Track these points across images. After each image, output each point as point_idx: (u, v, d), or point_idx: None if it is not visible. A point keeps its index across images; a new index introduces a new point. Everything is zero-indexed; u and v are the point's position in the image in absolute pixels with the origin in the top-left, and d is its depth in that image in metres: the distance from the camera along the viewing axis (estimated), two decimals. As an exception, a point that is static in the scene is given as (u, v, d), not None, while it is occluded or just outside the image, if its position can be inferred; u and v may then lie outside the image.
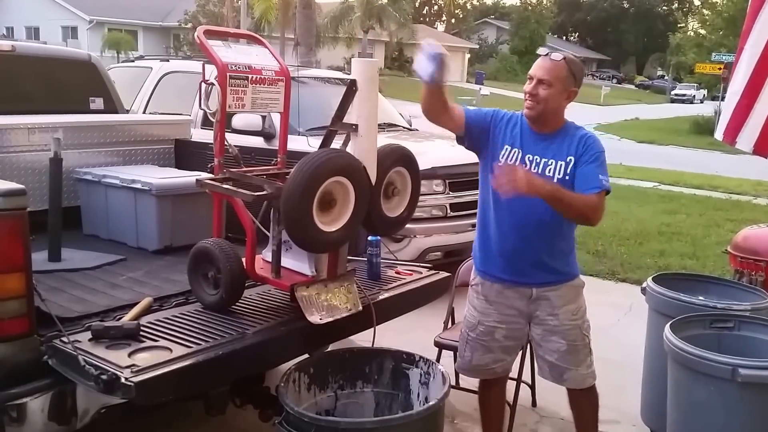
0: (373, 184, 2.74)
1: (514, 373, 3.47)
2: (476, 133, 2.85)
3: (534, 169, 2.75)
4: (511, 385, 3.48)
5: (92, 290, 2.90)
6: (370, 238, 3.29)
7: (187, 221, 3.54)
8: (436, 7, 66.81)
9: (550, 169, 2.74)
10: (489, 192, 2.84)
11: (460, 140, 2.90)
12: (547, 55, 2.77)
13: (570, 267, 2.94)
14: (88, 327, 2.39)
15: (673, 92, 51.67)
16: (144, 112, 6.31)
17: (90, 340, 2.33)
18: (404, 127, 6.92)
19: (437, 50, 2.55)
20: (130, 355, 2.25)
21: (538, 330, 2.93)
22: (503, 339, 2.96)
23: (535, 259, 2.83)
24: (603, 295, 5.96)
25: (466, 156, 3.05)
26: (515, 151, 2.79)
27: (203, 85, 2.83)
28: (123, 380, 2.07)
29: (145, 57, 8.23)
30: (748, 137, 4.24)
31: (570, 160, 2.74)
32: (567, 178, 2.73)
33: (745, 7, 4.43)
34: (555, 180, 2.72)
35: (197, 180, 2.94)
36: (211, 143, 2.95)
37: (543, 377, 3.08)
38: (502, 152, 2.80)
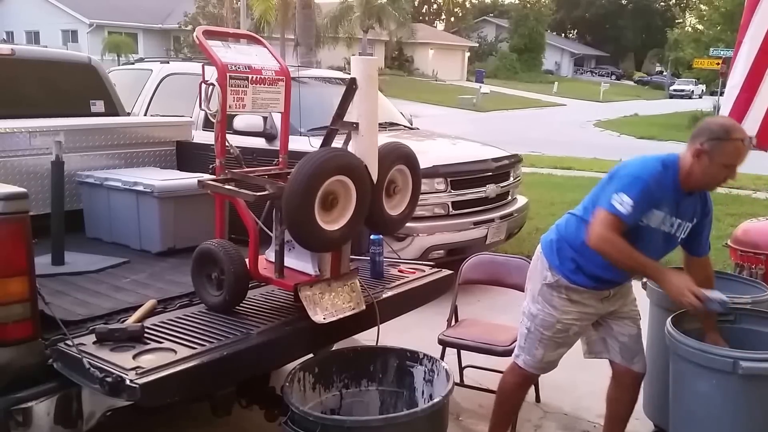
0: (375, 182, 2.73)
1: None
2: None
3: (669, 229, 2.78)
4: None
5: (96, 293, 2.90)
6: (372, 236, 3.28)
7: (190, 223, 3.54)
8: (435, 6, 66.79)
9: (681, 229, 2.81)
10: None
11: None
12: (746, 145, 2.69)
13: None
14: (92, 330, 2.39)
15: (671, 88, 51.58)
16: (145, 115, 6.31)
17: (94, 342, 2.32)
18: (405, 126, 6.92)
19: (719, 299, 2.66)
20: (134, 357, 2.24)
21: (611, 317, 3.01)
22: (574, 335, 3.00)
23: (623, 281, 2.96)
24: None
25: (467, 154, 3.07)
26: (661, 215, 2.72)
27: (203, 86, 2.82)
28: (128, 382, 2.07)
29: (146, 59, 8.22)
30: (748, 130, 4.23)
31: (695, 220, 2.83)
32: (685, 235, 2.84)
33: (743, 2, 4.43)
34: (679, 238, 2.83)
35: (199, 181, 2.93)
36: (213, 144, 2.94)
37: (607, 357, 3.07)
38: (648, 215, 2.69)
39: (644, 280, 3.61)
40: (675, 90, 50.33)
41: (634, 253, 2.64)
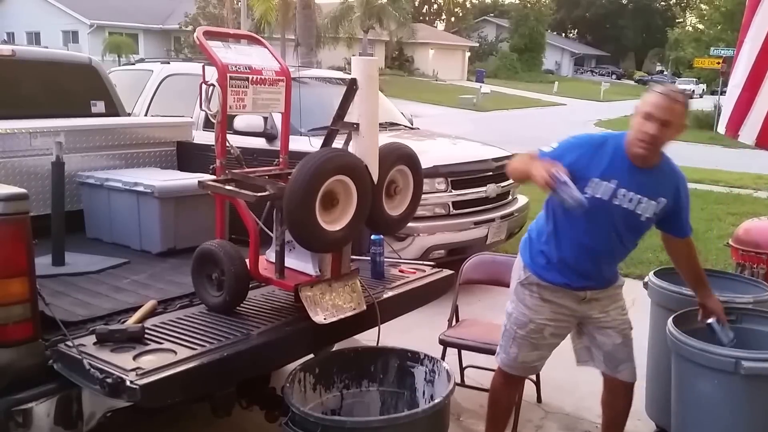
0: (375, 182, 2.73)
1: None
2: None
3: (626, 204, 2.71)
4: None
5: (96, 294, 2.89)
6: (373, 236, 3.28)
7: (190, 223, 3.53)
8: (435, 6, 66.78)
9: (642, 207, 2.73)
10: (563, 214, 2.76)
11: None
12: (668, 94, 2.60)
13: (617, 271, 3.04)
14: (92, 331, 2.38)
15: (672, 87, 51.58)
16: (146, 115, 6.30)
17: (95, 343, 2.32)
18: (406, 126, 6.92)
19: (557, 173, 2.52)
20: (135, 358, 2.24)
21: (592, 326, 2.98)
22: (550, 337, 2.96)
23: (594, 274, 2.89)
24: (606, 291, 5.95)
25: (468, 154, 3.07)
26: (606, 185, 2.69)
27: (204, 87, 2.82)
28: (128, 383, 2.07)
29: (146, 60, 8.22)
30: (750, 130, 4.24)
31: (661, 201, 2.75)
32: (654, 217, 2.77)
33: (743, 2, 4.43)
34: (643, 218, 2.74)
35: (199, 182, 2.92)
36: (213, 145, 2.94)
37: (592, 366, 3.05)
38: (590, 184, 2.68)
39: (645, 279, 3.61)
40: (676, 90, 50.28)
41: (524, 157, 2.80)
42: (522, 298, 2.96)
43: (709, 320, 2.94)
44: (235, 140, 3.13)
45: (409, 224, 3.19)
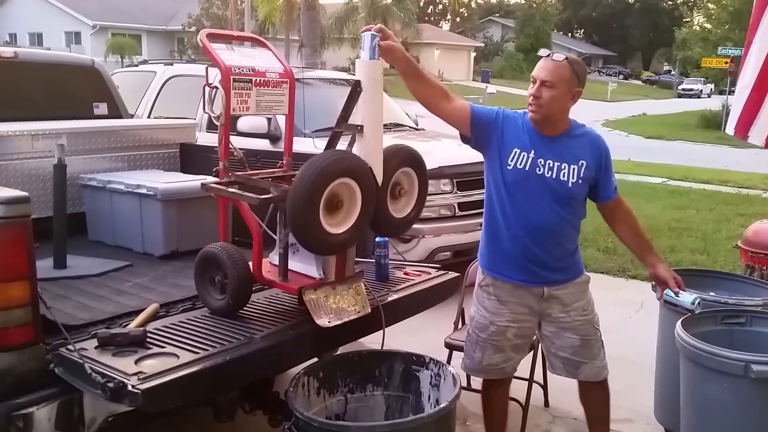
0: (380, 184, 2.71)
1: (525, 373, 3.46)
2: (483, 131, 2.82)
3: (548, 173, 2.75)
4: (522, 385, 3.46)
5: (98, 297, 2.88)
6: (377, 239, 3.26)
7: (193, 226, 3.52)
8: (440, 6, 66.75)
9: (564, 173, 2.76)
10: (498, 194, 2.83)
11: (464, 138, 2.88)
12: (548, 55, 2.75)
13: (576, 264, 2.96)
14: (94, 334, 2.37)
15: (680, 87, 51.46)
16: (149, 117, 6.30)
17: (96, 347, 2.30)
18: (411, 127, 6.89)
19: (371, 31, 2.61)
20: (137, 362, 2.22)
21: (551, 327, 2.94)
22: (514, 338, 2.94)
23: (544, 259, 2.83)
24: (614, 293, 5.93)
25: (473, 155, 3.03)
26: (525, 155, 2.76)
27: (207, 89, 2.81)
28: (130, 387, 2.05)
29: (149, 61, 8.22)
30: (759, 131, 4.20)
31: (582, 164, 2.78)
32: (581, 182, 2.78)
33: (751, 1, 4.39)
34: (570, 183, 2.75)
35: (202, 184, 2.92)
36: (216, 147, 2.92)
37: (556, 374, 3.06)
38: (511, 155, 2.77)
39: (653, 283, 3.57)
40: (683, 89, 50.22)
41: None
42: (481, 301, 2.98)
43: (666, 296, 2.88)
44: (238, 142, 3.12)
45: (415, 226, 3.16)
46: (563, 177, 2.75)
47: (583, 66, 2.82)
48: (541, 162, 2.75)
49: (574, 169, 2.76)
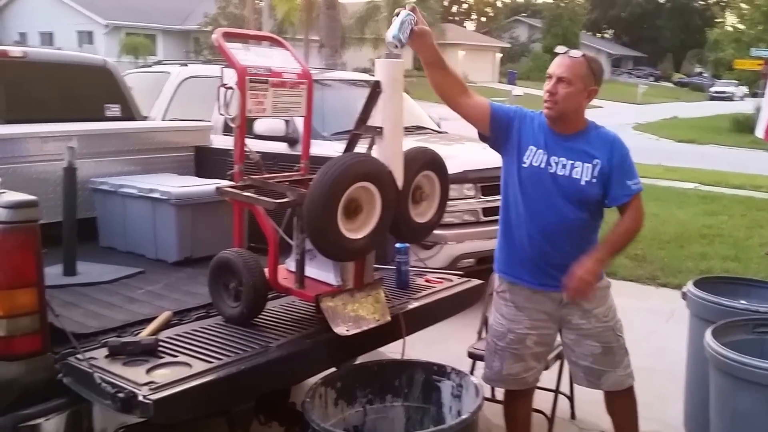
0: (400, 188, 2.65)
1: (550, 384, 3.36)
2: (502, 129, 2.81)
3: (561, 171, 2.73)
4: (547, 397, 3.38)
5: (109, 305, 2.83)
6: (398, 245, 3.20)
7: (208, 231, 3.46)
8: (465, 6, 66.63)
9: (577, 171, 2.74)
10: (514, 194, 2.81)
11: (482, 137, 2.88)
12: (565, 52, 2.74)
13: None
14: (104, 343, 2.33)
15: (712, 89, 50.70)
16: (164, 119, 6.27)
17: (106, 356, 2.26)
18: (433, 130, 6.80)
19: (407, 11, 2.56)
20: (148, 371, 2.19)
21: (571, 335, 2.89)
22: (534, 345, 2.89)
23: (562, 263, 2.77)
24: (643, 301, 5.83)
25: (498, 159, 2.97)
26: (540, 152, 2.76)
27: (222, 90, 2.77)
28: (141, 398, 2.02)
29: (163, 62, 8.22)
30: None
31: (597, 162, 2.74)
32: (594, 180, 2.74)
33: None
34: (582, 182, 2.72)
35: (217, 188, 2.89)
36: (232, 149, 2.88)
37: (577, 383, 3.02)
38: (527, 153, 2.77)
39: (684, 289, 3.47)
40: (716, 92, 49.42)
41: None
42: (498, 308, 2.95)
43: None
44: (255, 145, 3.07)
45: (437, 232, 3.13)
46: (576, 175, 2.73)
47: (599, 64, 2.83)
48: (554, 160, 2.75)
49: (588, 168, 2.73)
